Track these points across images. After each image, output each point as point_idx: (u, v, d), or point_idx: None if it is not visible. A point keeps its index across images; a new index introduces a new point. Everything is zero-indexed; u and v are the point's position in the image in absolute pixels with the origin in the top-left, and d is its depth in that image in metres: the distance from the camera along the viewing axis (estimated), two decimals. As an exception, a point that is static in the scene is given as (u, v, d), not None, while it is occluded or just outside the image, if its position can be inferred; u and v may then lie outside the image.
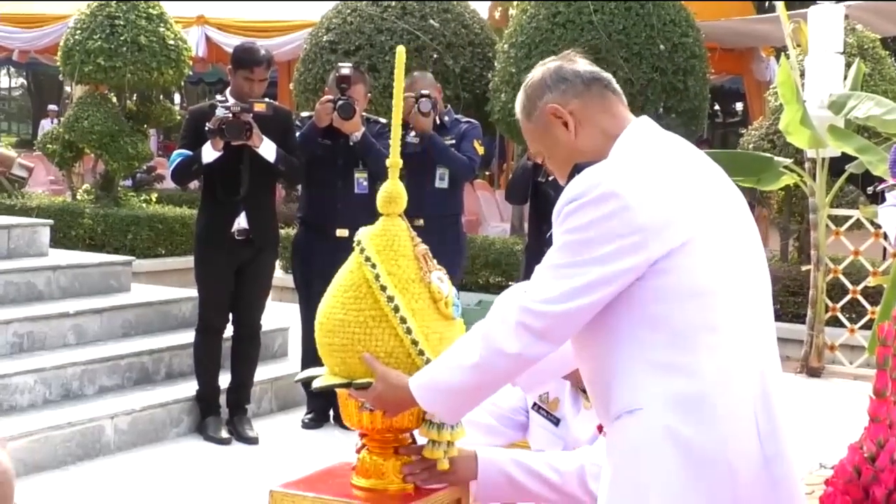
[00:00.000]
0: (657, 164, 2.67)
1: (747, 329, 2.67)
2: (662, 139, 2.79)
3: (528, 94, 2.85)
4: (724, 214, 2.70)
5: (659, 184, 2.60)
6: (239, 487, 6.09)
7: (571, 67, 2.83)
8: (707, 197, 2.69)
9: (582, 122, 2.78)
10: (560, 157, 2.84)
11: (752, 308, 2.70)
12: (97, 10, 13.89)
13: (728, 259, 2.66)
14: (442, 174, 7.56)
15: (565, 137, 2.79)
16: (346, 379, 2.93)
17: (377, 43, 13.05)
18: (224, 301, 7.16)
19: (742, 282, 2.68)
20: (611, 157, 2.69)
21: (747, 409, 2.60)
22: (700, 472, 2.54)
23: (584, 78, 2.81)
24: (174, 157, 7.13)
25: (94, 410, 6.77)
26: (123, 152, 13.96)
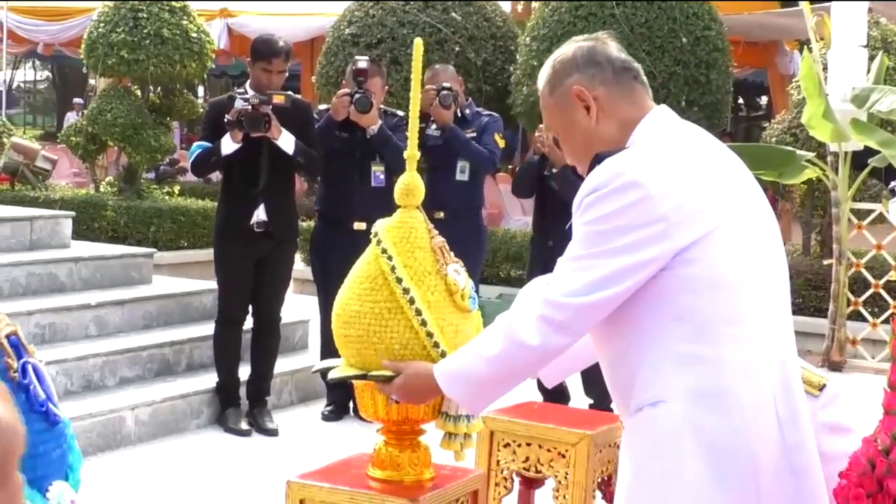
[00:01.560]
0: (678, 154, 2.66)
1: (768, 320, 2.66)
2: (682, 128, 2.77)
3: (555, 69, 2.81)
4: (744, 205, 2.69)
5: (681, 174, 2.59)
6: (258, 479, 6.11)
7: (605, 52, 2.80)
8: (728, 187, 2.67)
9: (604, 109, 2.74)
10: (574, 139, 2.81)
11: (771, 299, 2.69)
12: (121, 4, 13.94)
13: (749, 250, 2.64)
14: (463, 167, 7.56)
15: (585, 121, 2.76)
16: (362, 370, 2.94)
17: (399, 36, 13.06)
18: (244, 293, 7.18)
19: (762, 273, 2.67)
20: (631, 147, 2.68)
21: (768, 399, 2.59)
22: (723, 464, 2.53)
23: (615, 66, 2.78)
24: (194, 149, 7.16)
25: (115, 401, 6.80)
26: (146, 145, 14.02)
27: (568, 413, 4.46)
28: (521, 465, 3.81)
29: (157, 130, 14.18)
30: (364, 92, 7.08)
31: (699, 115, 12.30)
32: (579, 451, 3.71)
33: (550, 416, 3.99)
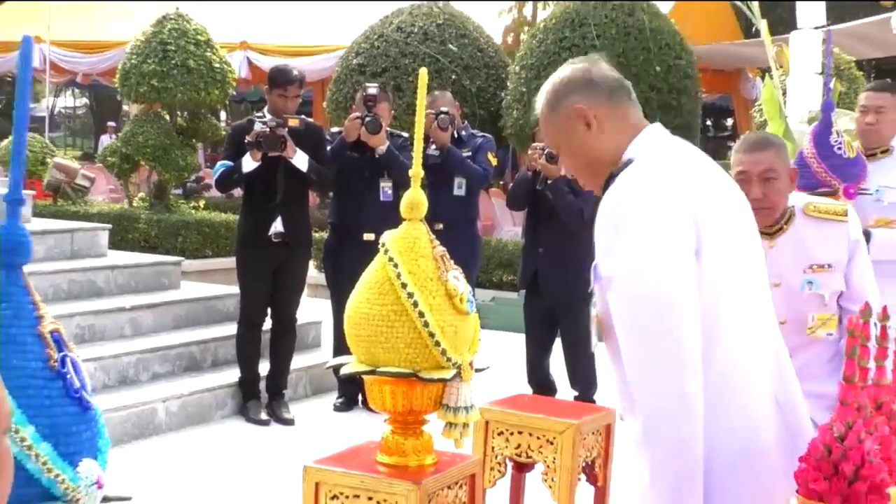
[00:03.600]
0: (674, 172, 2.62)
1: (759, 315, 2.67)
2: (674, 144, 2.76)
3: (555, 90, 2.79)
4: (731, 213, 2.69)
5: (678, 191, 2.56)
6: (276, 464, 6.10)
7: (600, 72, 2.79)
8: (717, 199, 2.66)
9: (603, 125, 2.72)
10: (576, 153, 2.79)
11: (759, 295, 2.70)
12: (151, 37, 13.97)
13: (739, 254, 2.65)
14: (460, 183, 7.56)
15: (584, 136, 2.73)
16: (371, 366, 2.94)
17: (401, 65, 13.10)
18: (263, 297, 7.18)
19: (751, 274, 2.68)
20: (630, 162, 2.65)
21: (768, 389, 2.61)
22: (737, 454, 2.54)
23: (610, 85, 2.77)
24: (218, 167, 7.17)
25: (148, 395, 6.81)
26: (174, 164, 14.04)
27: (555, 404, 4.46)
28: (514, 451, 3.80)
29: (184, 151, 14.20)
30: (374, 115, 7.09)
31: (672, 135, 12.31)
32: (566, 439, 3.71)
33: (540, 407, 3.98)
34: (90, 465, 1.89)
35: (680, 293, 2.47)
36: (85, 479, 1.88)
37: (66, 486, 1.87)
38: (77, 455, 1.89)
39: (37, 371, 1.88)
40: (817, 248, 3.87)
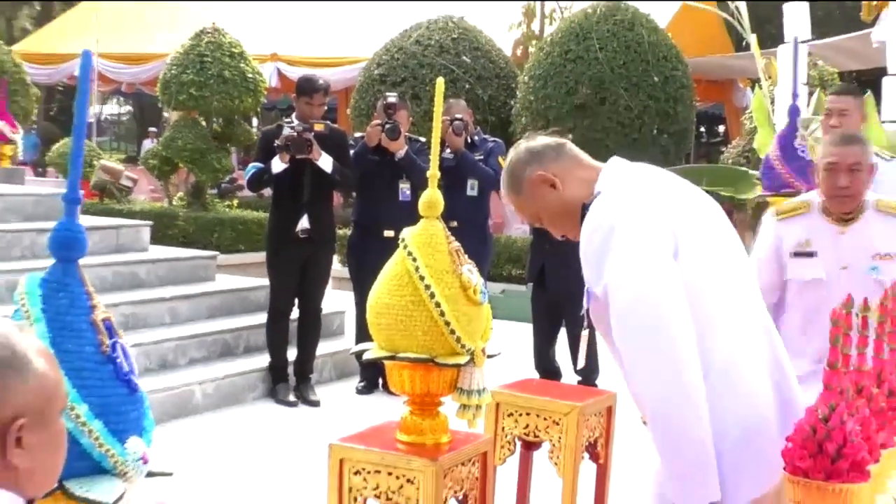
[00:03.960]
0: (640, 190, 2.65)
1: (748, 307, 2.67)
2: (635, 169, 2.77)
3: (512, 173, 2.85)
4: (700, 213, 2.69)
5: (644, 205, 2.59)
6: (303, 442, 6.11)
7: (537, 143, 2.86)
8: (684, 204, 2.67)
9: (564, 179, 2.78)
10: (554, 213, 2.83)
11: (742, 285, 2.70)
12: (190, 50, 14.01)
13: (716, 255, 2.64)
14: (472, 184, 7.57)
15: (554, 195, 2.78)
16: (391, 352, 2.95)
17: (419, 76, 13.10)
18: (291, 289, 7.20)
19: (732, 269, 2.68)
20: (598, 195, 2.67)
21: (763, 367, 2.61)
22: (744, 435, 2.53)
23: (551, 146, 2.83)
24: (249, 169, 7.17)
25: (186, 378, 6.83)
26: (210, 166, 14.08)
27: (560, 388, 4.46)
28: (522, 430, 3.80)
29: (219, 154, 14.24)
30: (393, 122, 7.09)
31: (668, 141, 12.31)
32: (570, 420, 3.71)
33: (546, 391, 3.99)
34: (137, 442, 1.90)
35: (665, 296, 2.45)
36: (132, 455, 1.89)
37: (116, 461, 1.88)
38: (125, 433, 1.90)
39: (90, 355, 1.89)
40: (883, 238, 3.98)
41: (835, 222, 4.06)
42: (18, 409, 1.49)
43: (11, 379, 1.49)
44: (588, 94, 11.91)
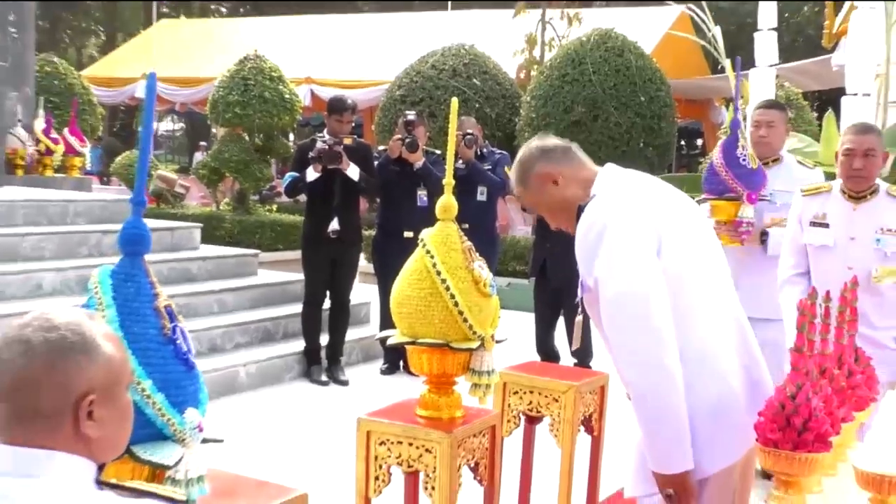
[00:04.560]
0: (630, 193, 2.66)
1: (723, 298, 2.67)
2: (627, 175, 2.77)
3: (522, 167, 2.83)
4: (682, 214, 2.69)
5: (634, 206, 2.60)
6: (334, 416, 6.12)
7: (548, 143, 2.83)
8: (668, 206, 2.68)
9: (567, 178, 2.75)
10: (552, 206, 2.81)
11: (720, 281, 2.70)
12: (235, 74, 14.03)
13: (694, 252, 2.64)
14: (482, 191, 7.56)
15: (556, 192, 2.76)
16: (412, 338, 2.95)
17: (435, 96, 13.10)
18: (323, 283, 7.20)
19: (709, 264, 2.68)
20: (594, 197, 2.67)
21: (733, 352, 2.61)
22: (716, 411, 2.53)
23: (560, 148, 2.81)
24: (286, 178, 7.18)
25: (232, 360, 6.84)
26: (253, 175, 14.10)
27: (559, 369, 4.45)
28: (526, 406, 3.80)
29: (260, 165, 14.27)
30: (412, 137, 7.09)
31: (653, 153, 12.29)
32: (568, 397, 3.71)
33: (547, 372, 3.99)
34: (193, 413, 1.92)
35: (649, 288, 2.46)
36: (189, 424, 1.91)
37: (175, 429, 1.90)
38: (184, 404, 1.92)
39: (153, 337, 1.91)
40: (890, 216, 4.17)
41: (849, 200, 4.25)
42: (88, 387, 1.50)
43: (82, 360, 1.50)
44: (583, 112, 11.90)
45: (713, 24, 8.90)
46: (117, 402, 1.57)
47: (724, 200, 4.81)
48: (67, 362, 1.49)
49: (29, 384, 1.47)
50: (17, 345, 1.48)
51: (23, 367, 1.47)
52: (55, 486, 1.47)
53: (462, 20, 18.88)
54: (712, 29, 8.87)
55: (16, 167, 9.92)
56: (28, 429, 1.48)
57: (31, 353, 1.48)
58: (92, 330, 1.54)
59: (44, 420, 1.48)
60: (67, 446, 1.50)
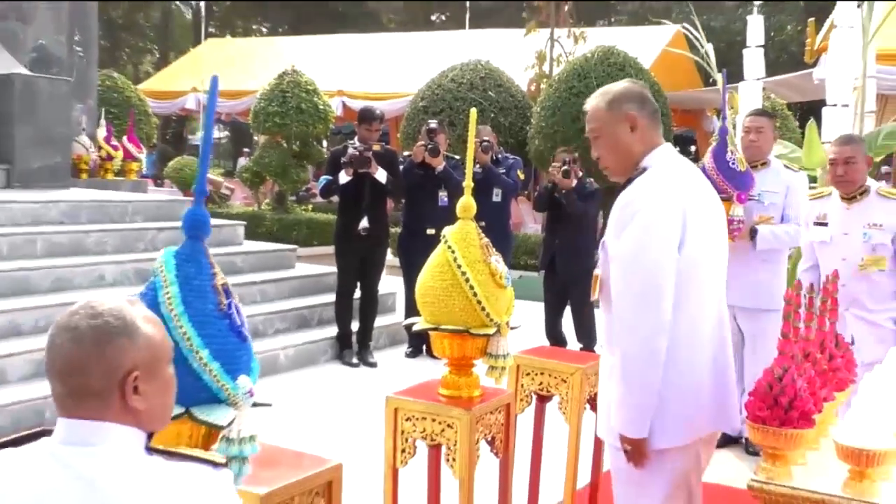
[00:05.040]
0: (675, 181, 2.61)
1: (714, 294, 2.66)
2: (678, 160, 2.72)
3: (616, 95, 2.69)
4: (707, 216, 2.66)
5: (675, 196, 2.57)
6: (364, 395, 6.13)
7: (648, 96, 2.74)
8: (700, 204, 2.64)
9: (641, 132, 2.67)
10: (615, 145, 2.69)
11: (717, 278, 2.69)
12: (274, 87, 14.08)
13: (706, 247, 2.62)
14: (497, 192, 7.54)
15: (626, 136, 2.66)
16: (435, 325, 2.95)
17: (455, 107, 13.09)
18: (354, 275, 7.21)
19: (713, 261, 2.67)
20: (648, 168, 2.63)
21: (709, 349, 2.63)
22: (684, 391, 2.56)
23: (653, 106, 2.72)
24: (321, 181, 7.19)
25: (272, 344, 6.86)
26: (291, 178, 14.16)
27: (567, 353, 4.44)
28: (537, 387, 3.80)
29: (297, 169, 14.32)
30: (434, 143, 7.09)
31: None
32: (575, 378, 3.70)
33: (556, 355, 3.98)
34: (245, 380, 1.94)
35: (667, 272, 2.47)
36: (242, 389, 1.92)
37: (229, 393, 1.91)
38: (237, 372, 1.93)
39: (211, 311, 1.92)
40: (878, 213, 4.30)
41: (843, 201, 4.40)
42: (132, 365, 1.52)
43: (125, 342, 1.52)
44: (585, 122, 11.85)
45: (706, 42, 8.85)
46: (159, 377, 1.58)
47: None
48: (112, 345, 1.51)
49: (79, 366, 1.49)
50: (66, 331, 1.51)
51: (72, 351, 1.50)
52: (109, 453, 1.49)
53: (478, 39, 18.85)
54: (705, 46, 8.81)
55: (81, 171, 9.98)
56: (81, 404, 1.51)
57: (80, 339, 1.50)
58: (132, 314, 1.56)
59: (94, 396, 1.50)
60: (118, 418, 1.52)
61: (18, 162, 7.90)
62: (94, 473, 1.46)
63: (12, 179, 7.85)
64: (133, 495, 1.44)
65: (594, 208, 6.93)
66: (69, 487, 1.45)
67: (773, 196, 4.97)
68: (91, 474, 1.46)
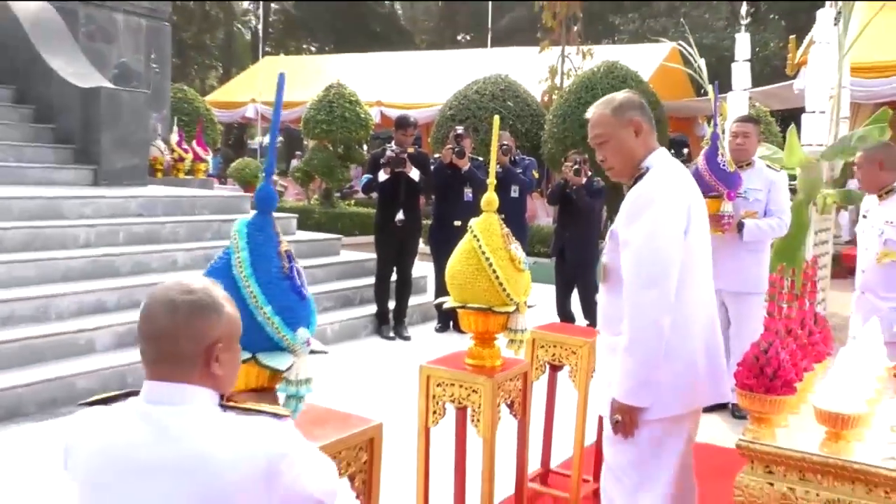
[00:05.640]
0: (677, 179, 2.58)
1: (705, 283, 2.62)
2: (672, 161, 2.67)
3: (623, 103, 2.65)
4: (701, 212, 2.63)
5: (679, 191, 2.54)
6: (401, 364, 6.16)
7: (646, 105, 2.72)
8: (696, 200, 2.60)
9: (643, 137, 2.63)
10: (621, 149, 2.64)
11: (707, 268, 2.64)
12: (322, 98, 14.10)
13: (700, 238, 2.59)
14: (514, 189, 7.52)
15: (631, 141, 2.62)
16: (462, 303, 2.94)
17: (478, 115, 13.05)
18: (391, 261, 7.22)
19: (705, 253, 2.62)
20: (650, 167, 2.59)
21: (702, 335, 2.58)
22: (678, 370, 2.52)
23: (650, 115, 2.70)
24: (362, 179, 7.21)
25: (320, 321, 6.85)
26: (336, 177, 14.18)
27: (576, 329, 4.40)
28: (551, 357, 3.79)
29: (342, 169, 14.34)
30: (461, 147, 7.08)
31: (649, 159, 12.13)
32: (584, 350, 3.68)
33: (566, 330, 3.96)
34: (303, 332, 1.97)
35: (675, 258, 2.44)
36: (300, 339, 1.95)
37: (288, 343, 1.94)
38: (296, 324, 1.96)
39: (275, 274, 1.95)
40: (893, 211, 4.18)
41: (878, 199, 4.28)
42: (217, 337, 1.55)
43: (213, 317, 1.55)
44: (594, 127, 11.78)
45: (698, 57, 8.76)
46: (235, 349, 1.61)
47: (708, 198, 4.74)
48: (202, 318, 1.53)
49: (172, 334, 1.52)
50: (163, 304, 1.53)
51: (167, 321, 1.52)
52: (191, 410, 1.51)
53: (499, 56, 18.77)
54: (698, 61, 8.72)
55: (156, 171, 10.07)
56: (168, 368, 1.53)
57: (175, 310, 1.52)
58: (219, 294, 1.59)
59: (181, 362, 1.52)
60: (199, 381, 1.54)
61: (104, 163, 7.98)
62: (178, 428, 1.48)
63: (99, 178, 7.93)
64: (211, 445, 1.47)
65: (600, 204, 6.90)
66: (155, 440, 1.48)
67: (757, 193, 4.92)
68: (175, 428, 1.48)
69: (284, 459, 1.50)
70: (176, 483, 1.44)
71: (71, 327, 5.36)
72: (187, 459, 1.45)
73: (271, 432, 1.52)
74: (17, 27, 8.45)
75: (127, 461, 1.47)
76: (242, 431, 1.50)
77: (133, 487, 1.46)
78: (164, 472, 1.45)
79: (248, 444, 1.48)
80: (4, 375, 4.84)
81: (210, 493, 1.43)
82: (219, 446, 1.47)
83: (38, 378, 4.88)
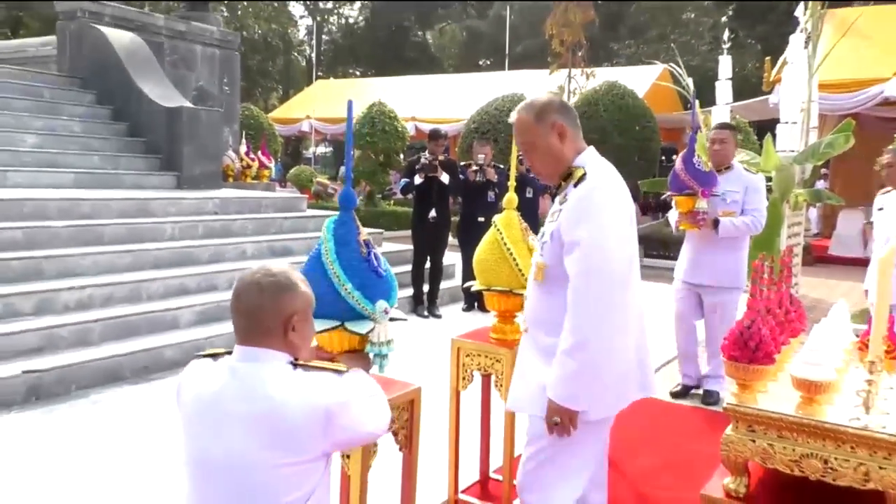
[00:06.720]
0: (612, 174, 2.20)
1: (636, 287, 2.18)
2: (601, 159, 2.26)
3: (542, 107, 2.24)
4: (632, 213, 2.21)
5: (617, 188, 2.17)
6: (434, 338, 6.15)
7: (570, 106, 2.30)
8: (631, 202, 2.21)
9: (568, 139, 2.22)
10: (548, 154, 2.24)
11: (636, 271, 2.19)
12: (365, 114, 14.10)
13: (635, 240, 2.18)
14: (529, 190, 7.46)
15: (557, 145, 2.21)
16: (487, 286, 2.94)
17: (497, 128, 12.99)
18: (425, 251, 7.21)
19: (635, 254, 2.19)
20: (581, 166, 2.20)
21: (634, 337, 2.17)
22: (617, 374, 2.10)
23: (574, 115, 2.28)
24: (400, 183, 7.19)
25: (366, 301, 6.89)
26: (378, 181, 14.19)
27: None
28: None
29: (382, 174, 14.34)
30: (481, 167, 7.09)
31: (644, 165, 12.03)
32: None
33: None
34: (381, 303, 2.06)
35: (626, 257, 2.07)
36: (378, 308, 2.06)
37: (367, 312, 2.06)
38: (374, 297, 2.06)
39: (355, 257, 2.06)
40: None
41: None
42: (294, 311, 1.65)
43: (291, 295, 1.64)
44: (595, 138, 11.66)
45: (686, 77, 8.64)
46: (308, 321, 1.70)
47: (684, 196, 4.61)
48: (283, 295, 1.63)
49: (259, 308, 1.62)
50: (251, 285, 1.63)
51: (256, 298, 1.62)
52: (269, 368, 1.61)
53: (515, 77, 18.69)
54: (686, 80, 8.61)
55: (228, 176, 10.15)
56: (255, 336, 1.62)
57: (261, 290, 1.62)
58: (295, 276, 1.68)
59: (266, 331, 1.62)
60: (278, 346, 1.63)
61: (185, 170, 8.07)
62: (259, 380, 1.59)
63: (181, 183, 8.02)
64: (281, 394, 1.57)
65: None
66: (241, 388, 1.59)
67: (735, 195, 4.79)
68: (257, 380, 1.59)
69: (339, 406, 1.58)
70: (253, 422, 1.53)
71: (159, 307, 5.43)
72: (261, 403, 1.54)
73: (330, 385, 1.60)
74: (114, 57, 8.56)
75: (217, 403, 1.58)
76: (306, 384, 1.59)
77: (221, 424, 1.56)
78: (244, 413, 1.54)
79: (310, 394, 1.57)
80: (107, 346, 4.93)
81: (278, 431, 1.53)
82: (287, 395, 1.56)
83: (134, 349, 4.95)
